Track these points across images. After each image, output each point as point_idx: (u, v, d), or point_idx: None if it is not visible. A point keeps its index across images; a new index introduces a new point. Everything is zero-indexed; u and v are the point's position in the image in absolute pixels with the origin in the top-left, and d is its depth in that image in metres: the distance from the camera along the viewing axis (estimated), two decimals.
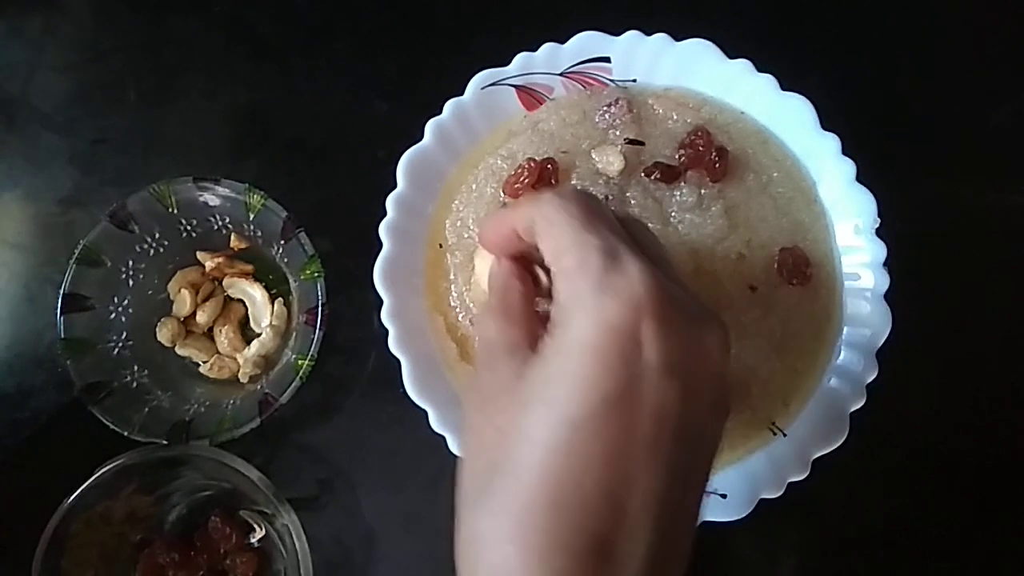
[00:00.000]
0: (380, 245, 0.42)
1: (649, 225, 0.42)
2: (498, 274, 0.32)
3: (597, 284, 0.26)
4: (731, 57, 0.43)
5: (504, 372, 0.27)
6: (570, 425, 0.24)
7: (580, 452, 0.24)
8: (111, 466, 0.43)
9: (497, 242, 0.32)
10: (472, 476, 0.27)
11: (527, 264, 0.32)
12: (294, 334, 0.48)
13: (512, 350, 0.28)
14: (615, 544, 0.24)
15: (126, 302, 0.48)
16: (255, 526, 0.47)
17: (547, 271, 0.29)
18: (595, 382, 0.24)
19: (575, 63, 0.45)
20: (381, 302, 0.41)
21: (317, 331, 0.44)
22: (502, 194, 0.43)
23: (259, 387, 0.47)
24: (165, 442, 0.44)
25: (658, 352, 0.25)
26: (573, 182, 0.43)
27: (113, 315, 0.47)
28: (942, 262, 0.47)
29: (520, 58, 0.44)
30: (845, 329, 0.42)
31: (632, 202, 0.43)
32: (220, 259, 0.49)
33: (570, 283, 0.26)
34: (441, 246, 0.44)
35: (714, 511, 0.40)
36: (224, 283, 0.50)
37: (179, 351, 0.49)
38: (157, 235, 0.48)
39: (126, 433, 0.44)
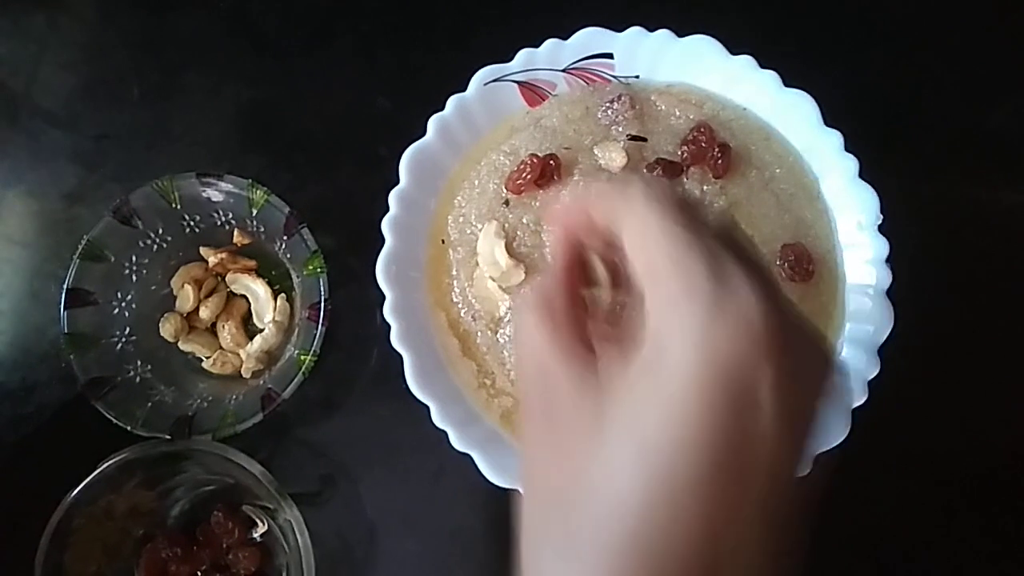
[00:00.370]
0: (382, 241, 0.42)
1: None
2: (552, 278, 0.26)
3: (703, 300, 0.21)
4: (734, 53, 0.43)
5: (573, 405, 0.23)
6: (664, 490, 0.20)
7: (678, 519, 0.20)
8: (114, 461, 0.43)
9: (567, 226, 0.26)
10: (541, 522, 0.24)
11: (579, 257, 0.27)
12: (296, 330, 0.48)
13: (581, 376, 0.23)
14: None
15: (129, 297, 0.48)
16: (257, 521, 0.47)
17: (608, 262, 0.25)
18: (698, 425, 0.20)
19: (578, 59, 0.45)
20: (383, 298, 0.41)
21: (319, 327, 0.44)
22: (504, 190, 0.43)
23: (262, 382, 0.47)
24: (168, 437, 0.44)
25: (772, 394, 0.21)
26: (576, 178, 0.43)
27: (116, 310, 0.47)
28: (944, 258, 0.47)
29: (523, 54, 0.44)
30: (847, 325, 0.42)
31: None
32: (223, 255, 0.49)
33: (672, 309, 0.21)
34: (443, 242, 0.44)
35: None
36: (227, 279, 0.50)
37: (182, 346, 0.49)
38: (160, 231, 0.48)
39: (129, 428, 0.44)
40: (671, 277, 0.22)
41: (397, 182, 0.43)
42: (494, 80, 0.44)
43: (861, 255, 0.42)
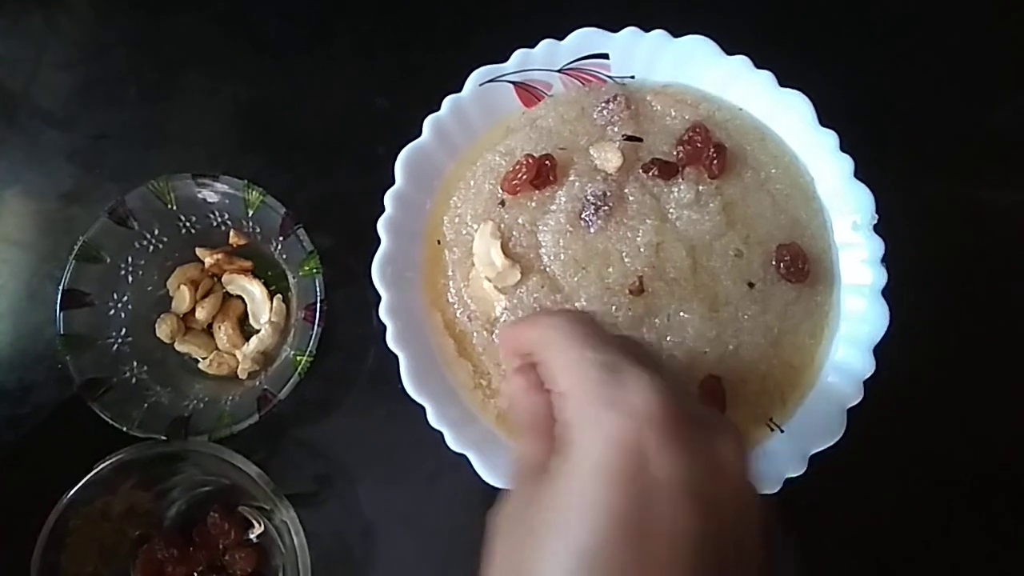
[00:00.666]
0: (378, 241, 0.42)
1: (646, 222, 0.42)
2: (517, 391, 0.32)
3: (597, 398, 0.25)
4: (729, 53, 0.43)
5: (523, 496, 0.27)
6: (581, 555, 0.23)
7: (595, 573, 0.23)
8: (110, 462, 0.43)
9: (510, 356, 0.32)
10: None
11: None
12: (293, 330, 0.48)
13: (534, 470, 0.27)
14: None
15: (125, 298, 0.48)
16: (254, 522, 0.47)
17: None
18: (603, 505, 0.23)
19: (573, 59, 0.45)
20: (379, 298, 0.41)
21: (316, 327, 0.44)
22: (500, 190, 0.43)
23: (258, 383, 0.47)
24: (164, 438, 0.44)
25: (668, 469, 0.24)
26: (571, 179, 0.43)
27: (112, 311, 0.47)
28: (941, 258, 0.47)
29: (518, 55, 0.44)
30: (843, 325, 0.42)
31: (630, 199, 0.43)
32: (219, 255, 0.49)
33: (571, 401, 0.26)
34: (439, 242, 0.44)
35: None
36: (223, 279, 0.50)
37: (178, 347, 0.49)
38: (156, 231, 0.48)
39: (125, 429, 0.44)
40: (566, 372, 0.27)
41: (393, 182, 0.43)
42: (490, 80, 0.44)
43: (857, 255, 0.42)
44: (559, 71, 0.45)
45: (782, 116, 0.44)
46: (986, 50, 0.54)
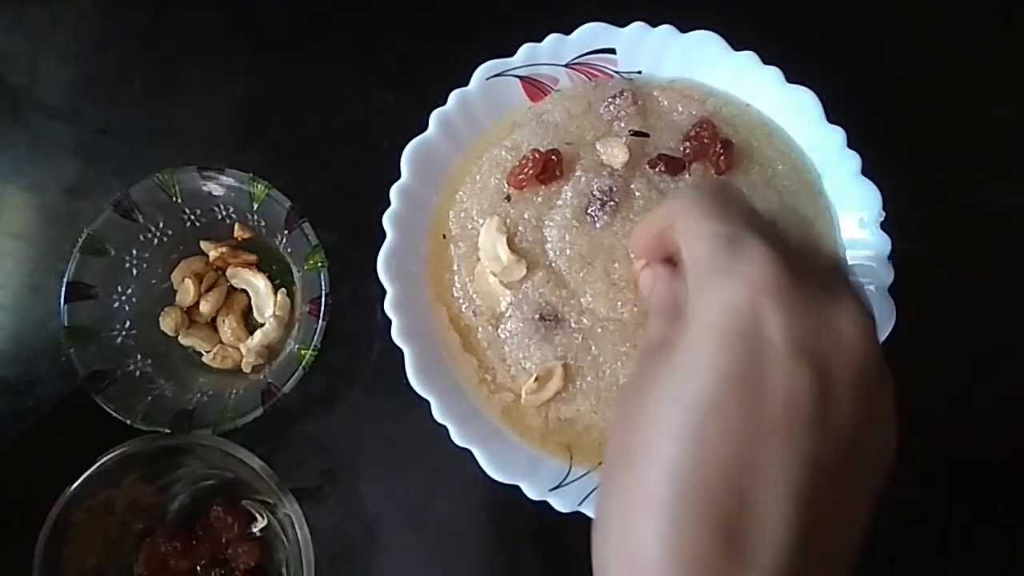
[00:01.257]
0: (384, 235, 0.42)
1: None
2: (646, 284, 0.33)
3: (720, 269, 0.25)
4: (737, 49, 0.43)
5: (641, 367, 0.28)
6: (691, 411, 0.24)
7: (701, 438, 0.24)
8: (114, 455, 0.43)
9: (647, 246, 0.33)
10: (607, 466, 0.27)
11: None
12: (297, 324, 0.48)
13: (654, 345, 0.28)
14: (743, 534, 0.23)
15: (130, 291, 0.48)
16: (257, 516, 0.47)
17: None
18: (714, 364, 0.24)
19: (580, 54, 0.44)
20: (384, 292, 0.41)
21: (320, 321, 0.44)
22: (506, 185, 0.43)
23: (262, 377, 0.47)
24: (168, 431, 0.44)
25: (780, 330, 0.24)
26: (578, 174, 0.43)
27: (117, 304, 0.47)
28: (947, 255, 0.47)
29: (525, 49, 0.44)
30: None
31: (636, 194, 0.43)
32: (224, 249, 0.49)
33: (696, 272, 0.26)
34: (444, 237, 0.44)
35: None
36: (228, 273, 0.50)
37: (182, 340, 0.49)
38: (161, 224, 0.48)
39: (129, 422, 0.44)
40: (695, 243, 0.27)
41: (399, 177, 0.43)
42: (496, 75, 0.44)
43: (863, 252, 0.42)
44: (566, 66, 0.45)
45: (789, 112, 0.44)
46: (990, 46, 0.54)
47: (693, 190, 0.29)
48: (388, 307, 0.41)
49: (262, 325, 0.49)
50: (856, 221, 0.42)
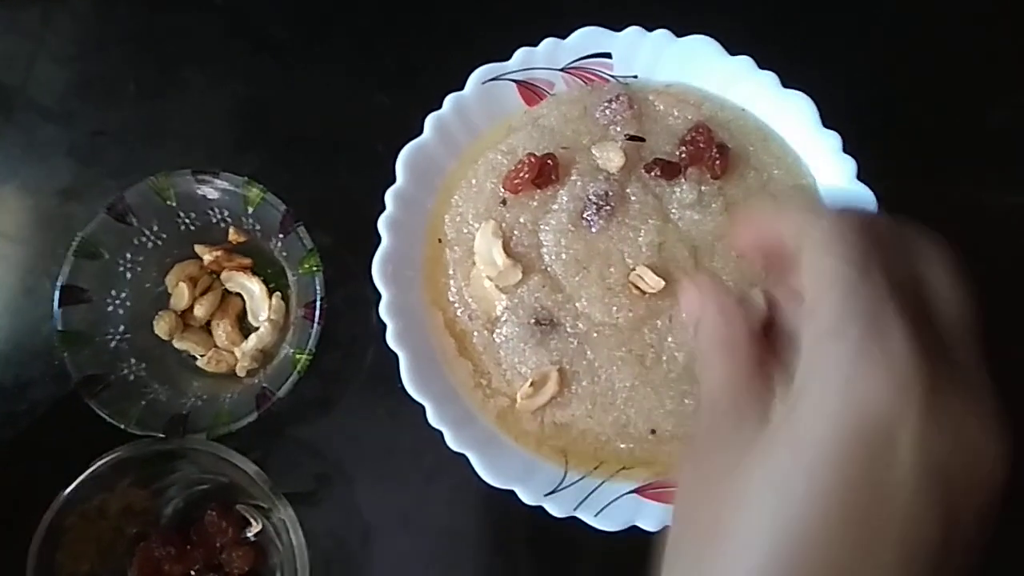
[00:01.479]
0: (379, 239, 0.42)
1: (648, 222, 0.42)
2: (723, 309, 0.26)
3: (852, 358, 0.21)
4: (733, 54, 0.43)
5: (728, 442, 0.23)
6: (792, 525, 0.20)
7: (798, 559, 0.20)
8: (107, 459, 0.43)
9: (754, 240, 0.28)
10: (679, 551, 0.24)
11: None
12: (292, 328, 0.48)
13: (740, 413, 0.24)
14: None
15: (124, 295, 0.47)
16: (251, 520, 0.46)
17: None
18: (830, 493, 0.20)
19: (576, 59, 0.44)
20: (379, 297, 0.41)
21: (315, 325, 0.44)
22: (502, 189, 0.43)
23: (257, 381, 0.47)
24: (162, 436, 0.44)
25: (913, 453, 0.20)
26: (573, 178, 0.43)
27: (111, 308, 0.47)
28: None
29: (521, 53, 0.44)
30: None
31: (632, 199, 0.43)
32: (218, 252, 0.49)
33: (820, 348, 0.22)
34: (440, 241, 0.44)
35: None
36: (222, 277, 0.50)
37: (177, 345, 0.49)
38: (155, 228, 0.48)
39: (123, 426, 0.44)
40: (826, 315, 0.22)
41: (394, 181, 0.42)
42: (492, 79, 0.44)
43: None
44: (562, 70, 0.45)
45: (785, 117, 0.44)
46: (986, 49, 0.54)
47: (841, 223, 0.24)
48: (383, 311, 0.41)
49: (257, 329, 0.48)
50: None
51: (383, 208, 0.42)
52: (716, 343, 0.25)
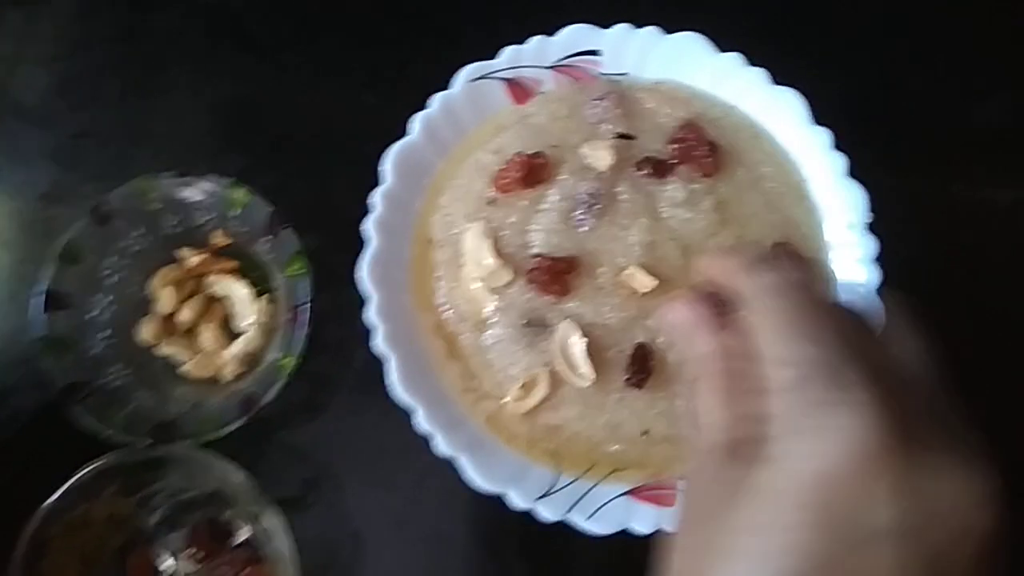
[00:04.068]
0: (365, 241, 0.41)
1: (639, 220, 0.42)
2: (706, 345, 0.27)
3: (815, 412, 0.21)
4: (726, 49, 0.43)
5: (710, 486, 0.24)
6: None
7: None
8: (92, 468, 0.42)
9: (711, 280, 0.29)
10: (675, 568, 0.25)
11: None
12: (279, 332, 0.47)
13: (720, 458, 0.24)
14: None
15: (108, 300, 0.47)
16: (240, 527, 0.46)
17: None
18: (799, 548, 0.20)
19: (565, 56, 0.44)
20: (367, 299, 0.40)
21: (303, 329, 0.44)
22: (490, 189, 0.43)
23: (243, 386, 0.46)
24: (148, 443, 0.43)
25: (885, 514, 0.20)
26: (563, 177, 0.42)
27: (94, 313, 0.46)
28: (934, 257, 0.47)
29: (509, 51, 0.43)
30: None
31: (622, 197, 0.42)
32: (203, 256, 0.48)
33: (786, 402, 0.22)
34: (429, 242, 0.43)
35: None
36: (208, 280, 0.49)
37: (162, 350, 0.48)
38: (139, 232, 0.47)
39: (107, 434, 0.43)
40: (784, 365, 0.23)
41: (381, 181, 0.42)
42: (480, 77, 0.43)
43: (850, 254, 0.42)
44: (550, 68, 0.44)
45: (775, 114, 0.43)
46: (977, 47, 0.54)
47: (780, 282, 0.25)
48: (371, 314, 0.40)
49: (243, 333, 0.48)
50: (843, 223, 0.42)
51: (369, 209, 0.41)
52: (717, 383, 0.26)
